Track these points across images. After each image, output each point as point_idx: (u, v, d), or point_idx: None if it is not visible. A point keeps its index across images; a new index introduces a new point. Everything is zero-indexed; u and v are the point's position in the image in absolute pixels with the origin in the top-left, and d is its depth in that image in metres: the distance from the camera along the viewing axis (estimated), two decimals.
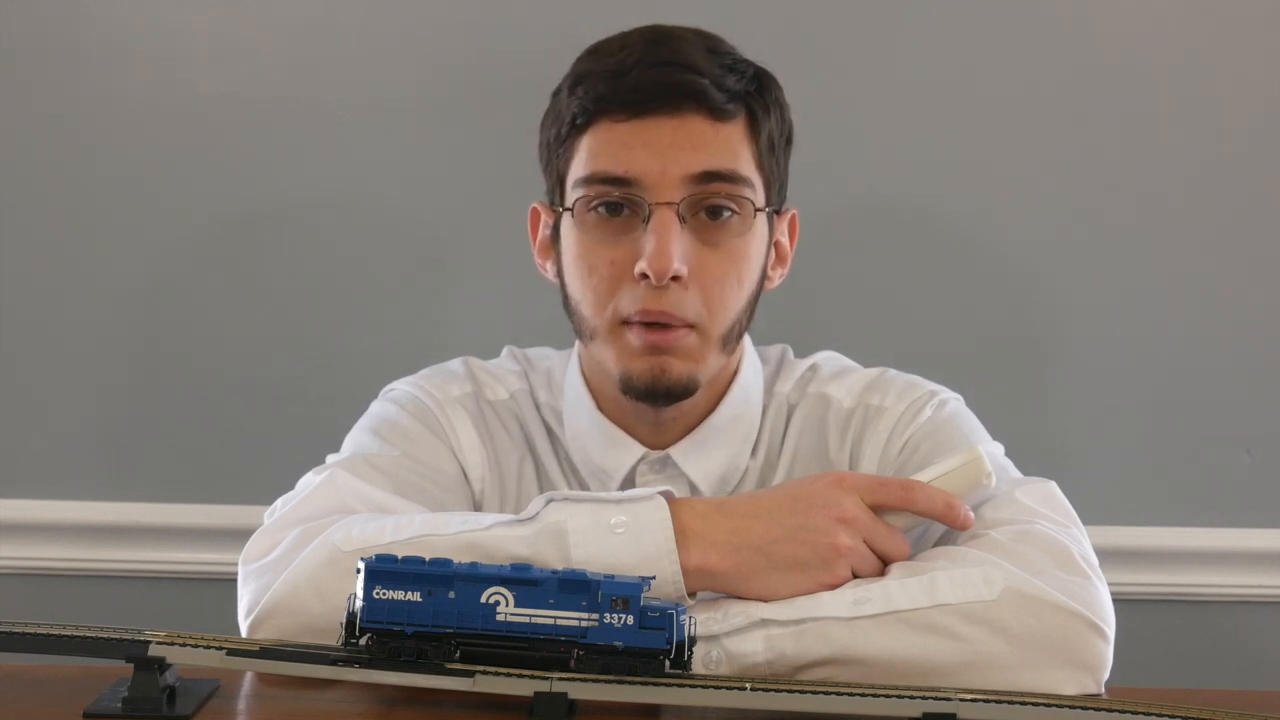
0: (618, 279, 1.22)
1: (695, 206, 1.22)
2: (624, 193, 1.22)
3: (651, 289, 1.20)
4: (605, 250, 1.23)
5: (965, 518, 1.11)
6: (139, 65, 1.69)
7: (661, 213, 1.20)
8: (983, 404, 1.34)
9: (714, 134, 1.22)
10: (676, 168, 1.20)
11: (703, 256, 1.22)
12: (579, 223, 1.24)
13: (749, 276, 1.26)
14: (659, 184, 1.20)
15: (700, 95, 1.21)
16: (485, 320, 1.70)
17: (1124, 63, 1.69)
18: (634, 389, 1.24)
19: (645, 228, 1.21)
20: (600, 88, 1.23)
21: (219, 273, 1.72)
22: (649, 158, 1.21)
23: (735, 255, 1.24)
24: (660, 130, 1.21)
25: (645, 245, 1.20)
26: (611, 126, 1.22)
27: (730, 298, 1.24)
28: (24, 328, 1.73)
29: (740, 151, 1.23)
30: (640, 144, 1.21)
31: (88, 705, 0.98)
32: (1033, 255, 1.71)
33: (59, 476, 1.73)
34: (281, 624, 1.08)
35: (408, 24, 1.69)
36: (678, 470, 1.30)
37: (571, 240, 1.26)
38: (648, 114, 1.21)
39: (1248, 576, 1.73)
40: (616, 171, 1.21)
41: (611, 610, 0.96)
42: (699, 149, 1.21)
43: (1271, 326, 1.71)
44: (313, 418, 1.66)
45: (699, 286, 1.22)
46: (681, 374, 1.23)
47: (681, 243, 1.20)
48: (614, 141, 1.22)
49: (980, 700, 0.95)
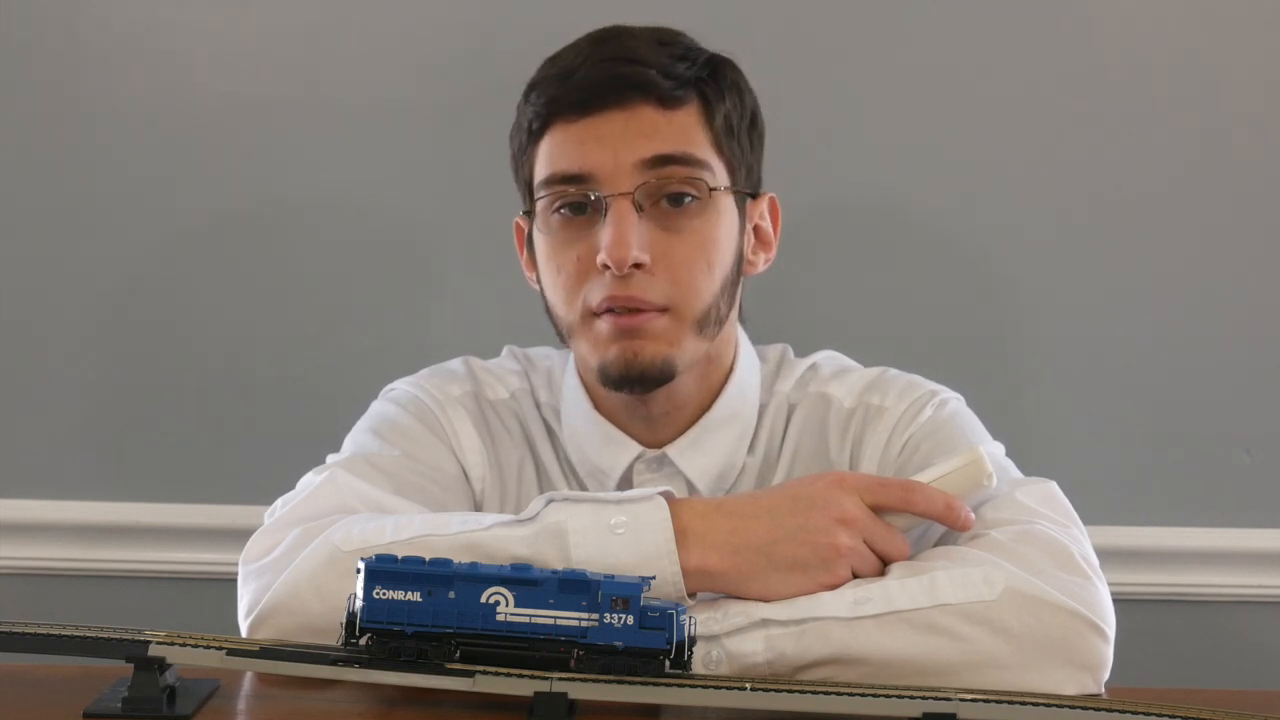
0: (584, 274, 1.23)
1: (653, 194, 1.22)
2: (580, 189, 1.22)
3: (616, 278, 1.21)
4: (570, 249, 1.24)
5: (965, 519, 1.11)
6: (139, 65, 1.69)
7: (617, 203, 1.21)
8: (983, 404, 1.34)
9: (665, 121, 1.23)
10: (628, 156, 1.21)
11: (667, 243, 1.22)
12: (544, 226, 1.26)
13: (719, 260, 1.25)
14: (612, 175, 1.21)
15: (647, 85, 1.22)
16: (485, 320, 1.70)
17: (1119, 62, 1.69)
18: (610, 378, 1.24)
19: (604, 220, 1.21)
20: (551, 91, 1.24)
21: (219, 272, 1.72)
22: (601, 151, 1.21)
23: (700, 239, 1.24)
24: (610, 123, 1.22)
25: (603, 237, 1.21)
26: (565, 127, 1.23)
27: (700, 280, 1.23)
28: (24, 327, 1.73)
29: (693, 136, 1.24)
30: (592, 139, 1.22)
31: (88, 705, 0.98)
32: (1033, 255, 1.71)
33: (59, 476, 1.73)
34: (281, 624, 1.08)
35: (408, 24, 1.69)
36: (674, 468, 1.30)
37: (541, 244, 1.27)
38: (597, 110, 1.22)
39: (1248, 576, 1.73)
40: (571, 169, 1.23)
41: (611, 610, 0.96)
42: (650, 136, 1.22)
43: (1271, 326, 1.71)
44: (313, 418, 1.66)
45: (667, 272, 1.22)
46: (655, 356, 1.23)
47: (640, 231, 1.21)
48: (568, 141, 1.23)
49: (980, 700, 0.95)
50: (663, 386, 1.25)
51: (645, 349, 1.22)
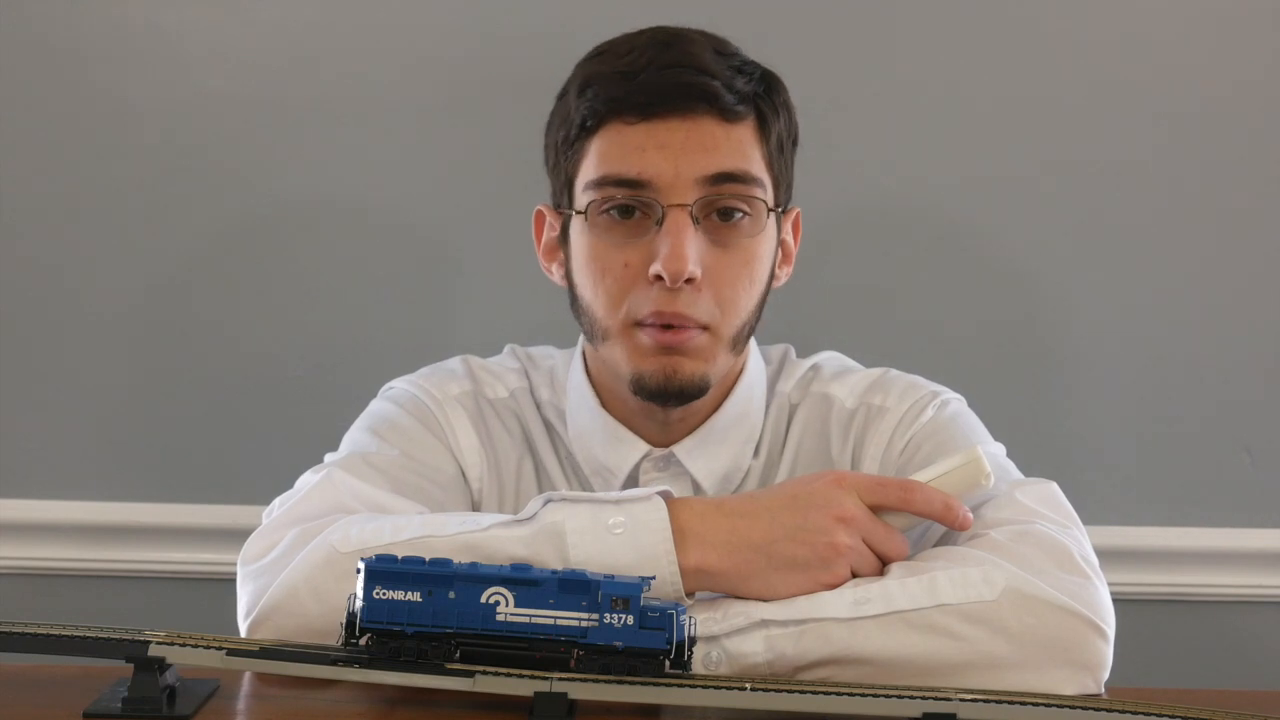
0: (631, 281, 1.22)
1: (708, 208, 1.22)
2: (637, 195, 1.21)
3: (665, 290, 1.20)
4: (618, 253, 1.22)
5: (964, 519, 1.11)
6: (139, 66, 1.69)
7: (676, 215, 1.20)
8: (984, 404, 1.34)
9: (725, 135, 1.22)
10: (690, 169, 1.20)
11: (715, 258, 1.22)
12: (591, 225, 1.24)
13: (760, 277, 1.26)
14: (672, 186, 1.20)
15: (712, 97, 1.21)
16: (485, 320, 1.70)
17: (1128, 65, 1.69)
18: (645, 389, 1.24)
19: (659, 230, 1.20)
20: (611, 89, 1.22)
21: (219, 272, 1.72)
22: (662, 160, 1.20)
23: (747, 256, 1.24)
24: (672, 132, 1.21)
25: (660, 248, 1.20)
26: (622, 129, 1.22)
27: (742, 298, 1.24)
28: (24, 328, 1.73)
29: (751, 153, 1.23)
30: (653, 146, 1.21)
31: (88, 705, 0.98)
32: (1033, 256, 1.71)
33: (59, 476, 1.73)
34: (280, 625, 1.08)
35: (408, 24, 1.69)
36: (681, 468, 1.30)
37: (583, 243, 1.25)
38: (659, 116, 1.21)
39: (1248, 576, 1.73)
40: (629, 174, 1.21)
41: (611, 610, 0.96)
42: (711, 150, 1.21)
43: (1271, 327, 1.72)
44: (313, 417, 1.66)
45: (712, 288, 1.22)
46: (693, 374, 1.23)
47: (695, 244, 1.20)
48: (626, 144, 1.22)
49: (980, 700, 0.95)
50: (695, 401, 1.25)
51: (685, 366, 1.22)
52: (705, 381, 1.24)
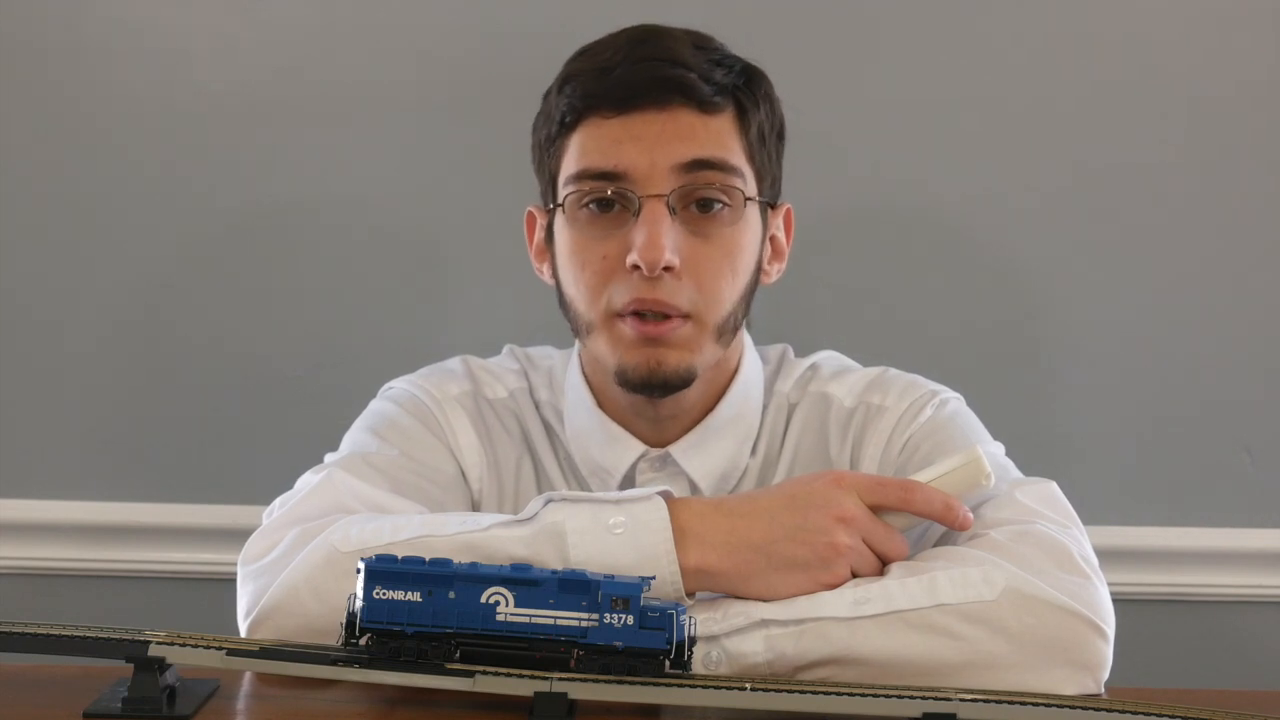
0: (610, 272, 1.23)
1: (686, 199, 1.22)
2: (614, 187, 1.22)
3: (644, 280, 1.21)
4: (597, 245, 1.23)
5: (964, 518, 1.11)
6: (139, 65, 1.69)
7: (652, 205, 1.21)
8: (983, 404, 1.34)
9: (702, 125, 1.23)
10: (665, 159, 1.21)
11: (695, 248, 1.22)
12: (571, 219, 1.25)
13: (743, 267, 1.26)
14: (648, 176, 1.21)
15: (687, 88, 1.22)
16: (485, 320, 1.71)
17: (1128, 65, 1.69)
18: (629, 381, 1.24)
19: (636, 220, 1.21)
20: (588, 85, 1.23)
21: (218, 272, 1.72)
22: (638, 151, 1.21)
23: (728, 246, 1.24)
24: (648, 124, 1.22)
25: (636, 237, 1.20)
26: (600, 123, 1.23)
27: (724, 288, 1.24)
28: (23, 327, 1.73)
29: (729, 143, 1.24)
30: (629, 138, 1.22)
31: (88, 705, 0.98)
32: (1032, 255, 1.71)
33: (59, 476, 1.73)
34: (280, 625, 1.08)
35: (408, 24, 1.69)
36: (678, 468, 1.30)
37: (564, 237, 1.26)
38: (635, 109, 1.22)
39: (1248, 576, 1.73)
40: (606, 166, 1.22)
41: (611, 610, 0.96)
42: (687, 140, 1.22)
43: (1271, 327, 1.71)
44: (312, 417, 1.66)
45: (693, 278, 1.22)
46: (678, 365, 1.23)
47: (672, 234, 1.21)
48: (603, 137, 1.23)
49: (980, 700, 0.95)
50: (681, 392, 1.25)
51: (669, 357, 1.23)
52: (690, 372, 1.24)
